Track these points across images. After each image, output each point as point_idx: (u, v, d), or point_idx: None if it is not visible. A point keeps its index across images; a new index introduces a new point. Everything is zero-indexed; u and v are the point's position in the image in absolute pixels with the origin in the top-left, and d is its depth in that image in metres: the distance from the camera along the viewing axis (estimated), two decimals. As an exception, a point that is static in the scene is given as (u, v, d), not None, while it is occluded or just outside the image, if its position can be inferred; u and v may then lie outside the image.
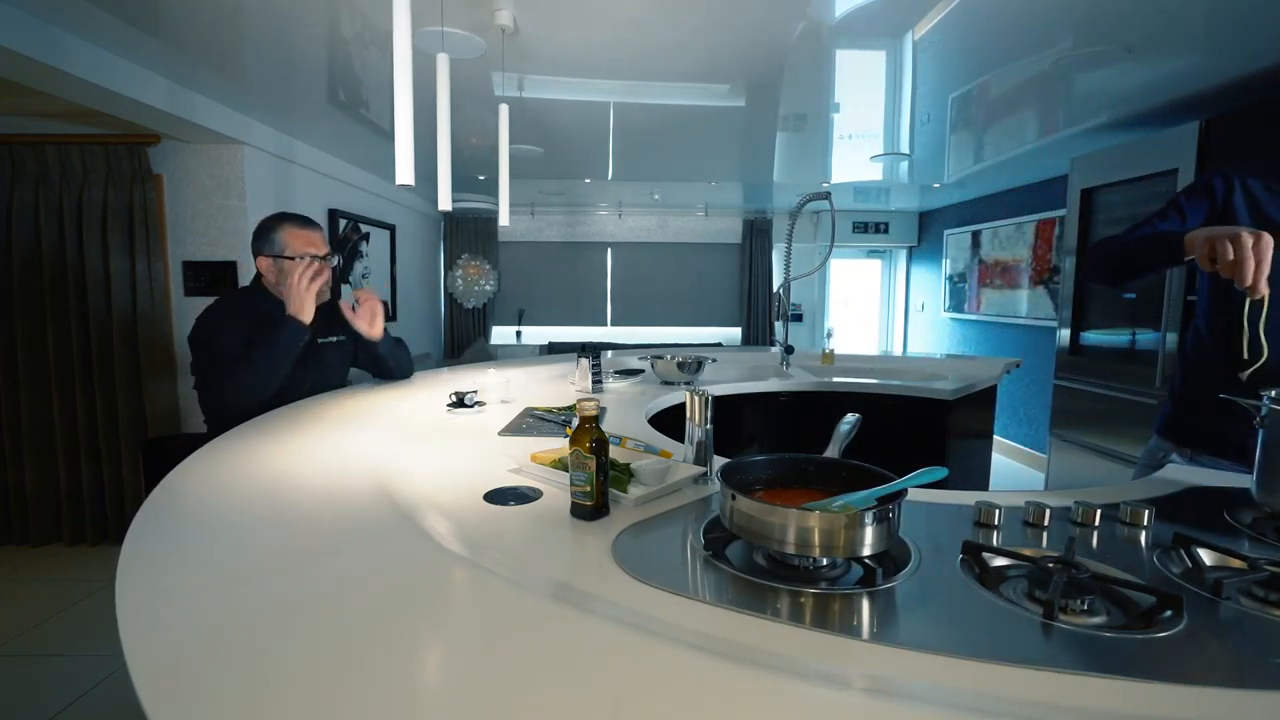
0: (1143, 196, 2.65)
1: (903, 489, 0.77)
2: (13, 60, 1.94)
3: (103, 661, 2.08)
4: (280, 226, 1.76)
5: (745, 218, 6.23)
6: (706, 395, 1.13)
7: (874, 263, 6.76)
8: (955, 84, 2.56)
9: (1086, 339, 3.06)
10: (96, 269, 2.89)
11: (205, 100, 2.69)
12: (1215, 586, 0.71)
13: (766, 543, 0.75)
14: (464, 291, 6.07)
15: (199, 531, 0.88)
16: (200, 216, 3.02)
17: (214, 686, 0.53)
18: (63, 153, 2.84)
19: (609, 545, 0.83)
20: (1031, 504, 0.93)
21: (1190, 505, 1.03)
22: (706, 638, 0.61)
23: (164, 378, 3.00)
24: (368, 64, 2.36)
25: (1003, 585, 0.73)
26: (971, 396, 2.31)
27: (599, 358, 2.12)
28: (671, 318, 6.38)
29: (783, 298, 2.53)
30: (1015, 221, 4.70)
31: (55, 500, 2.96)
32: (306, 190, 3.61)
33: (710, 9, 1.91)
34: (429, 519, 0.91)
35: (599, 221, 6.27)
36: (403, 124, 1.32)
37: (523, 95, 2.71)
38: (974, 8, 1.89)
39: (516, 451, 1.28)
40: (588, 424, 0.89)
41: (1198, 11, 1.90)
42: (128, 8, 1.89)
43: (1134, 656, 0.59)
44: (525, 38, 2.12)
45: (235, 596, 0.69)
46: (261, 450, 1.28)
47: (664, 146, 3.68)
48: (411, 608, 0.67)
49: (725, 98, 2.77)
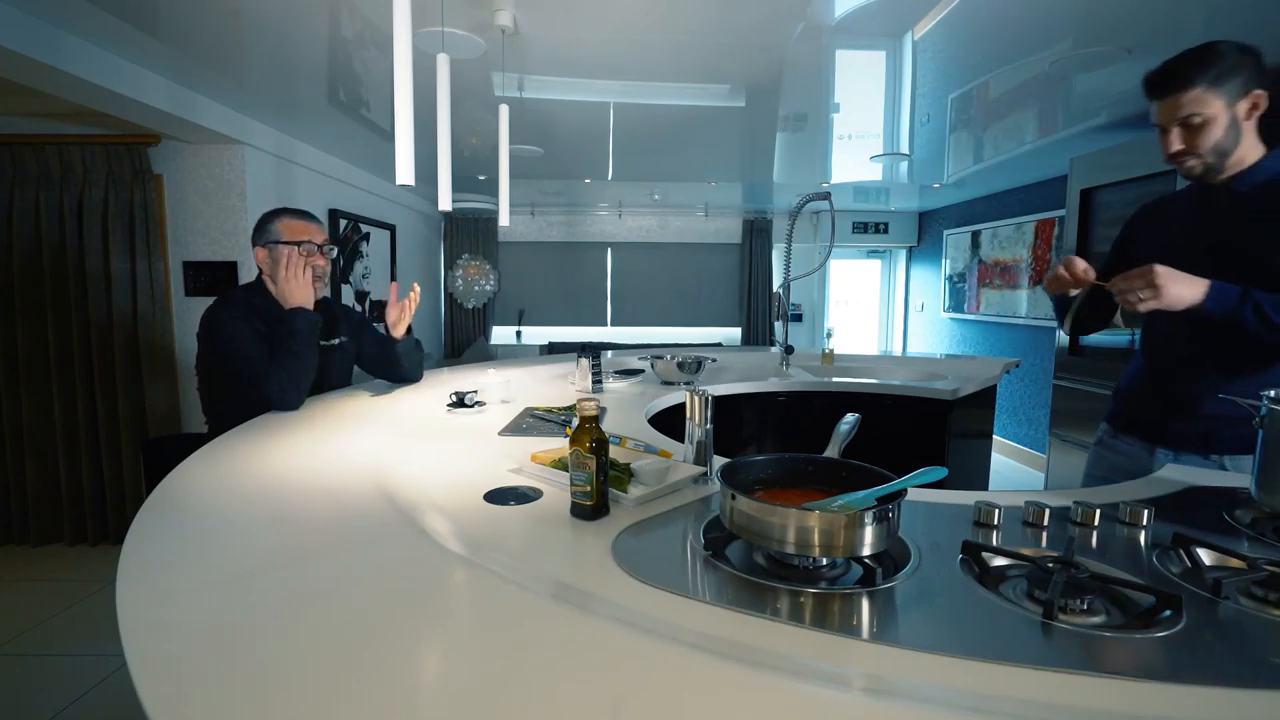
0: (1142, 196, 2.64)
1: (902, 489, 0.77)
2: (13, 60, 1.94)
3: (103, 661, 2.08)
4: (276, 218, 1.77)
5: (745, 218, 6.23)
6: (706, 395, 1.14)
7: (874, 263, 6.76)
8: (955, 84, 2.56)
9: (1086, 339, 3.06)
10: (97, 269, 2.89)
11: (206, 100, 2.69)
12: (1214, 586, 0.71)
13: (766, 543, 0.75)
14: (464, 291, 6.08)
15: (199, 531, 0.88)
16: (201, 217, 3.02)
17: (214, 686, 0.53)
18: (63, 153, 2.84)
19: (609, 545, 0.83)
20: (1031, 504, 0.93)
21: (1189, 505, 1.03)
22: (706, 638, 0.61)
23: (164, 378, 3.00)
24: (368, 64, 2.36)
25: (1002, 585, 0.73)
26: (971, 397, 2.31)
27: (599, 358, 2.12)
28: (671, 318, 6.38)
29: (783, 298, 2.53)
30: (1015, 221, 4.70)
31: (56, 500, 2.96)
32: (307, 190, 3.61)
33: (710, 9, 1.91)
34: (429, 519, 0.91)
35: (599, 221, 6.27)
36: (403, 124, 1.32)
37: (523, 95, 2.71)
38: (974, 8, 1.89)
39: (516, 451, 1.29)
40: (588, 424, 0.89)
41: (1198, 12, 1.90)
42: (128, 8, 1.89)
43: (1133, 656, 0.59)
44: (525, 38, 2.12)
45: (235, 596, 0.69)
46: (261, 450, 1.28)
47: (664, 147, 3.67)
48: (411, 607, 0.67)
49: (725, 98, 2.77)
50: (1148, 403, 1.33)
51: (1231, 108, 1.12)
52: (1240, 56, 1.12)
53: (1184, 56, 1.13)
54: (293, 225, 1.76)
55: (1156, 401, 1.30)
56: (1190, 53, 1.13)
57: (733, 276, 6.35)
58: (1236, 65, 1.11)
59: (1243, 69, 1.12)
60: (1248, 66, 1.12)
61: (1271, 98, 1.14)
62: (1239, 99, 1.12)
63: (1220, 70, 1.11)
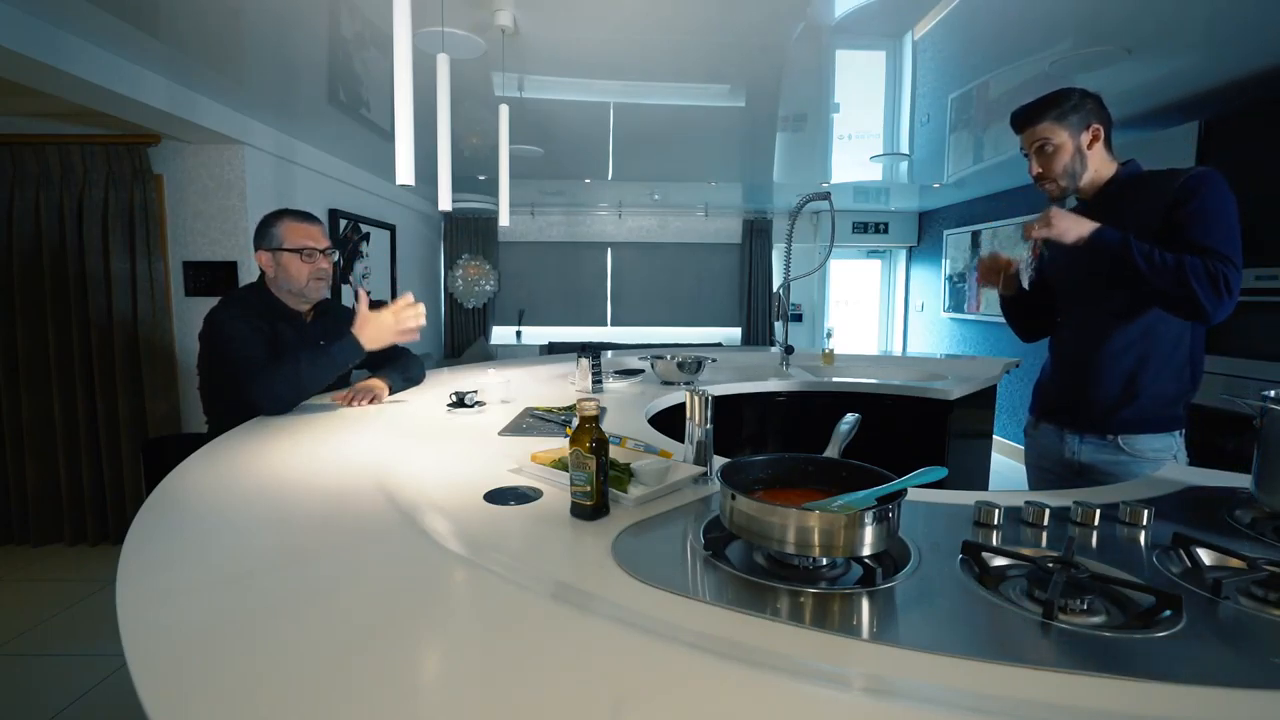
0: (1142, 196, 2.64)
1: (902, 489, 0.77)
2: (13, 60, 1.94)
3: (103, 661, 2.08)
4: (279, 221, 1.76)
5: (745, 218, 6.22)
6: (706, 395, 1.14)
7: (874, 263, 6.76)
8: (955, 84, 2.56)
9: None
10: (97, 269, 2.89)
11: (206, 100, 2.69)
12: (1214, 586, 0.71)
13: (766, 543, 0.75)
14: (464, 291, 6.07)
15: (199, 531, 0.88)
16: (201, 217, 3.02)
17: (214, 686, 0.53)
18: (63, 153, 2.84)
19: (609, 545, 0.83)
20: (1031, 504, 0.93)
21: (1189, 505, 1.03)
22: (706, 637, 0.61)
23: (164, 378, 3.00)
24: (368, 64, 2.36)
25: (1002, 585, 0.73)
26: (971, 397, 2.31)
27: (599, 358, 2.12)
28: (671, 318, 6.38)
29: (783, 298, 2.53)
30: (1015, 221, 4.70)
31: (56, 500, 2.96)
32: (307, 190, 3.61)
33: (710, 9, 1.91)
34: (429, 519, 0.91)
35: (599, 222, 6.27)
36: (403, 124, 1.32)
37: (523, 95, 2.71)
38: (974, 8, 1.89)
39: (516, 451, 1.28)
40: (588, 424, 0.89)
41: (1198, 11, 1.90)
42: (128, 8, 1.89)
43: (1133, 656, 0.59)
44: (525, 38, 2.12)
45: (235, 596, 0.69)
46: (261, 450, 1.28)
47: (664, 147, 3.67)
48: (411, 608, 0.67)
49: (725, 98, 2.77)
50: (1057, 394, 1.53)
51: (1076, 138, 1.37)
52: (1083, 99, 1.37)
53: (1038, 100, 1.40)
54: (296, 228, 1.75)
55: (1065, 392, 1.49)
56: (1043, 97, 1.40)
57: (733, 276, 6.35)
58: (1078, 105, 1.37)
59: (1084, 108, 1.37)
60: (1089, 106, 1.37)
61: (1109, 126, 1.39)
62: (1082, 131, 1.37)
63: (1064, 109, 1.36)
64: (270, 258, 1.74)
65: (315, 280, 1.77)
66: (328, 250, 1.80)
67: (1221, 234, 1.24)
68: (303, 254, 1.73)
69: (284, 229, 1.74)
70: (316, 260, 1.76)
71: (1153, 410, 1.36)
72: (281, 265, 1.73)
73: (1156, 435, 1.36)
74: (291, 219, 1.77)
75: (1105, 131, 1.39)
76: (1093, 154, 1.38)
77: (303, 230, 1.76)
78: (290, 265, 1.72)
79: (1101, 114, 1.38)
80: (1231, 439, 2.28)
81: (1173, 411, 1.37)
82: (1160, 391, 1.35)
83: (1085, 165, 1.39)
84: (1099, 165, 1.39)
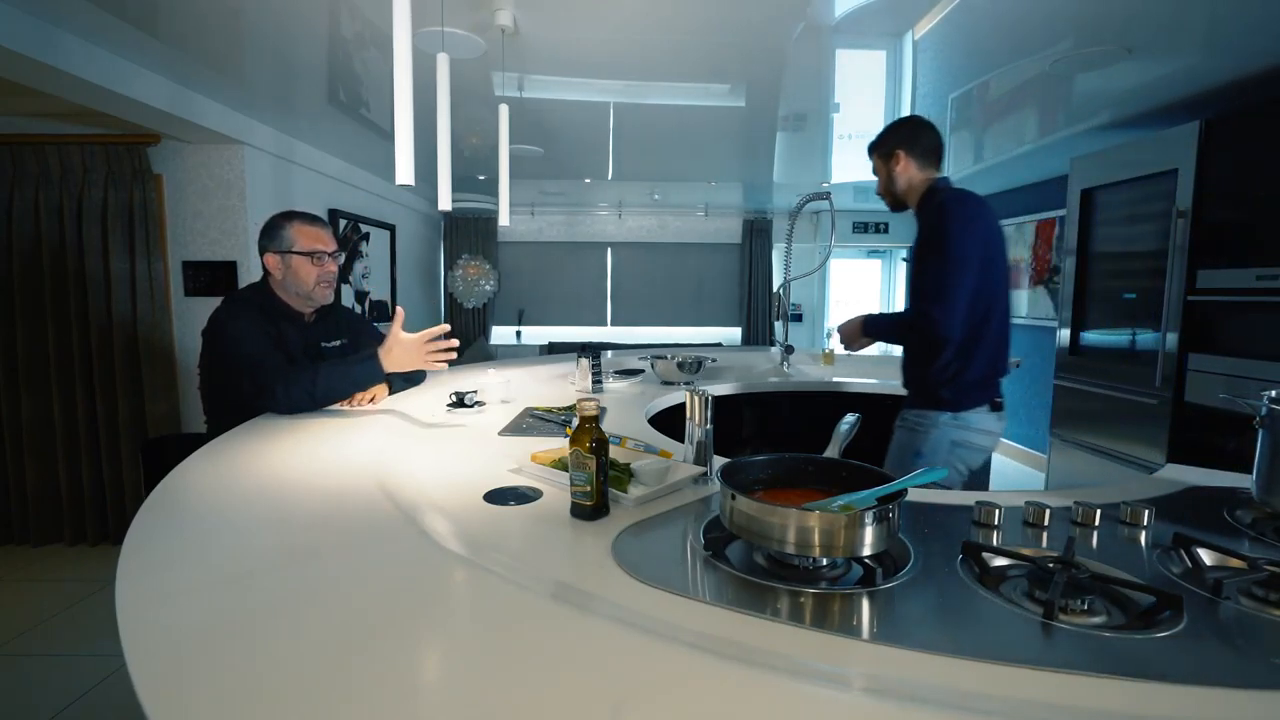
0: (1143, 196, 2.64)
1: (903, 489, 0.77)
2: (13, 60, 1.94)
3: (103, 661, 2.08)
4: (288, 223, 1.75)
5: (745, 218, 6.22)
6: (706, 395, 1.14)
7: (874, 263, 6.75)
8: (955, 84, 2.56)
9: (1086, 339, 3.06)
10: (97, 269, 2.88)
11: (206, 100, 2.69)
12: (1215, 586, 0.71)
13: (766, 543, 0.75)
14: (464, 291, 6.07)
15: (199, 531, 0.88)
16: (200, 217, 3.02)
17: (214, 686, 0.53)
18: (63, 153, 2.84)
19: (609, 545, 0.83)
20: (1031, 504, 0.93)
21: (1190, 505, 1.03)
22: (706, 638, 0.61)
23: (164, 378, 3.00)
24: (368, 64, 2.36)
25: (1003, 585, 0.73)
26: (971, 396, 2.30)
27: (599, 358, 2.13)
28: (671, 318, 6.37)
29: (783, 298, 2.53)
30: (1015, 221, 4.70)
31: (56, 500, 2.96)
32: (306, 190, 3.61)
33: (710, 9, 1.91)
34: (429, 519, 0.91)
35: (599, 221, 6.27)
36: (403, 124, 1.32)
37: (523, 95, 2.71)
38: (974, 8, 1.89)
39: (516, 451, 1.28)
40: (588, 424, 0.89)
41: (1198, 12, 1.90)
42: (128, 8, 1.89)
43: (1134, 657, 0.59)
44: (525, 38, 2.12)
45: (235, 596, 0.69)
46: (261, 450, 1.28)
47: (664, 146, 3.67)
48: (411, 607, 0.67)
49: (725, 98, 2.77)
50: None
51: (886, 165, 1.75)
52: (895, 131, 1.74)
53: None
54: (306, 231, 1.75)
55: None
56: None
57: (732, 276, 6.35)
58: (886, 139, 1.74)
59: (892, 139, 1.73)
60: (894, 138, 1.72)
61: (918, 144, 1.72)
62: (889, 159, 1.74)
63: (878, 144, 1.77)
64: (279, 260, 1.73)
65: (322, 284, 1.77)
66: (335, 254, 1.80)
67: (930, 269, 1.62)
68: (313, 258, 1.73)
69: (295, 232, 1.73)
70: (325, 264, 1.76)
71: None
72: (291, 269, 1.72)
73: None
74: (301, 222, 1.76)
75: (907, 151, 1.70)
76: (900, 173, 1.73)
77: (313, 234, 1.75)
78: (300, 269, 1.72)
79: (904, 138, 1.71)
80: (1231, 439, 2.28)
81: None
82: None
83: (896, 183, 1.75)
84: (909, 180, 1.73)
